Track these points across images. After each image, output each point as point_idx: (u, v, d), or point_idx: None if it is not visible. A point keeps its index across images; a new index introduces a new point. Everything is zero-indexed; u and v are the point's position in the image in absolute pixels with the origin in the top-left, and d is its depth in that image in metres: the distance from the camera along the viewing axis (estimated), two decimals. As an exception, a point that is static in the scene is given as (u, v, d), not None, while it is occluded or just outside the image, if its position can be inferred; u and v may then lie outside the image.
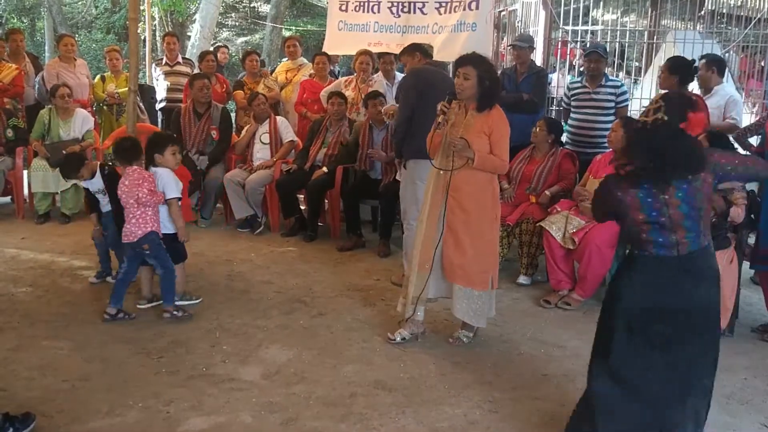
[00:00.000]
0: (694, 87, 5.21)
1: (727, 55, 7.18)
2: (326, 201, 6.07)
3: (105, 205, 4.46)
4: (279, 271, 5.03)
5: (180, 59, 7.64)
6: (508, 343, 3.92)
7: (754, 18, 7.09)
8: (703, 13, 8.21)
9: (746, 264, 4.24)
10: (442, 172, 3.63)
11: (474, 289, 3.65)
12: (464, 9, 6.70)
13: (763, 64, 7.63)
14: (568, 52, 7.96)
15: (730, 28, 7.73)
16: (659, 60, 6.39)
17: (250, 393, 3.24)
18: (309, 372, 3.47)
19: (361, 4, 7.20)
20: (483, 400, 3.23)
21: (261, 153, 6.19)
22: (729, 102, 5.08)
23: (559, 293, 4.54)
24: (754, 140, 5.31)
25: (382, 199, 5.55)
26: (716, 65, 5.14)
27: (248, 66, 7.20)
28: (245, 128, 6.41)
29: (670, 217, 2.46)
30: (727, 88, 5.30)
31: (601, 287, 4.57)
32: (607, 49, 6.24)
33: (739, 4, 7.77)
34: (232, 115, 7.27)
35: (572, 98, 5.68)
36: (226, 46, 10.61)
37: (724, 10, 8.48)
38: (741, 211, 3.97)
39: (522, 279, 4.88)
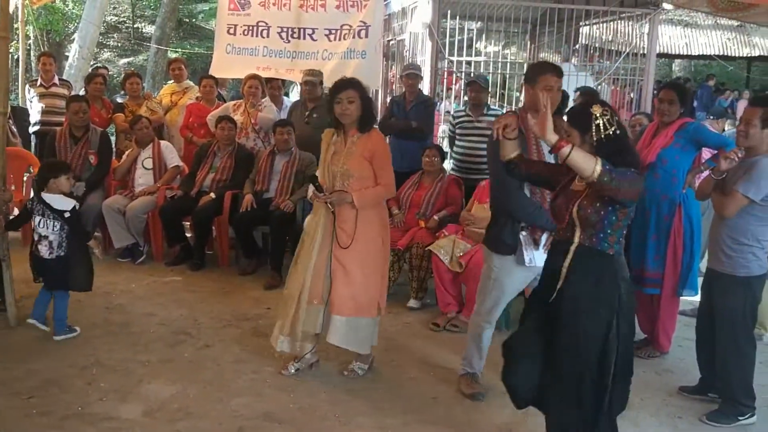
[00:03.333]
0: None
1: (599, 86, 7.66)
2: (213, 228, 5.90)
3: None
4: (162, 302, 4.82)
5: (56, 80, 7.26)
6: (399, 367, 3.94)
7: (623, 52, 7.61)
8: (577, 47, 8.73)
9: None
10: (328, 204, 3.59)
11: (363, 317, 3.64)
12: (354, 37, 6.82)
13: (632, 95, 8.19)
14: (454, 81, 8.21)
15: (602, 61, 8.24)
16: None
17: (129, 432, 3.07)
18: (194, 407, 3.33)
19: (250, 28, 7.14)
20: (375, 427, 3.22)
21: (143, 179, 5.94)
22: None
23: (447, 316, 4.62)
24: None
25: (272, 225, 5.44)
26: (590, 96, 5.48)
27: (129, 88, 6.94)
28: (126, 153, 6.15)
29: None
30: None
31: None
32: (490, 80, 6.50)
33: (610, 38, 8.30)
34: (113, 138, 6.96)
35: (456, 126, 5.86)
36: (105, 67, 10.19)
37: (597, 45, 9.05)
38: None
39: (412, 303, 4.93)
